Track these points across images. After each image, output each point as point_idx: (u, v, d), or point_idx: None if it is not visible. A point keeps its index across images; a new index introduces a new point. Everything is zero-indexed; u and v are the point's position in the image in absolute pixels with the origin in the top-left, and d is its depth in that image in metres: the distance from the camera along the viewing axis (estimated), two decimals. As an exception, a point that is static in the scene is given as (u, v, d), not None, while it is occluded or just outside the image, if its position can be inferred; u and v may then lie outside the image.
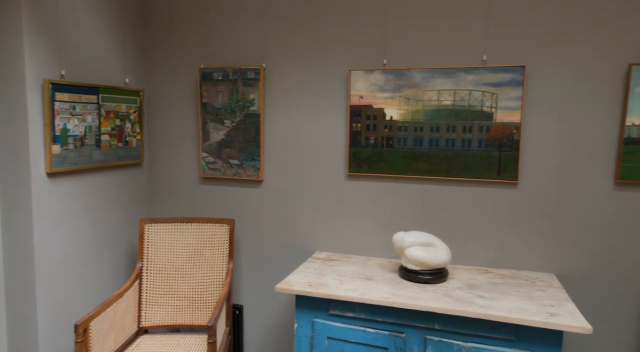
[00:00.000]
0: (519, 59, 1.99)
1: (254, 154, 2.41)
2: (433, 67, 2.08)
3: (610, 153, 1.91)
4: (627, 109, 1.85)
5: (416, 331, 1.73)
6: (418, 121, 2.13)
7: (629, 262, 1.93)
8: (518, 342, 1.62)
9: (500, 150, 2.03)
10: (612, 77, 1.88)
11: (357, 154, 2.24)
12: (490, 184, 2.08)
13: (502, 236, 2.08)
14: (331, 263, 2.16)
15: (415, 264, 1.90)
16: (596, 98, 1.91)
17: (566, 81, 1.94)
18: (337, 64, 2.25)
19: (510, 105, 2.00)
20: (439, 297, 1.73)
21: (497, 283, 1.91)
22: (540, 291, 1.83)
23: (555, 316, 1.58)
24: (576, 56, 1.92)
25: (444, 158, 2.11)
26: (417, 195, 2.18)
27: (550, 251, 2.03)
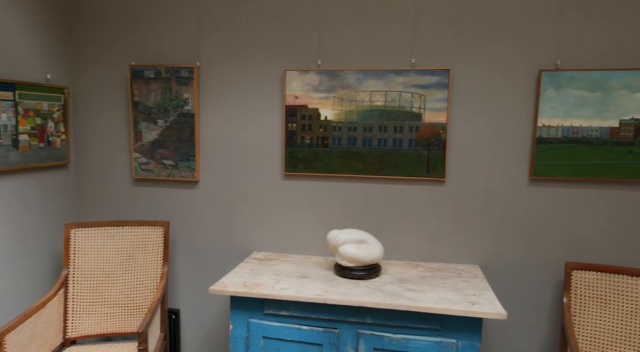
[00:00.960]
0: (444, 63, 2.10)
1: (189, 155, 2.36)
2: (365, 69, 2.14)
3: (525, 151, 2.06)
4: (538, 111, 2.00)
5: (349, 326, 1.77)
6: (352, 121, 2.18)
7: (543, 252, 2.09)
8: (443, 331, 1.71)
9: (428, 149, 2.13)
10: (525, 81, 2.03)
11: (293, 153, 2.26)
12: (420, 182, 2.17)
13: (432, 231, 2.19)
14: (268, 263, 2.16)
15: (349, 261, 1.95)
16: (513, 101, 2.06)
17: (486, 84, 2.07)
18: (272, 64, 2.25)
19: (437, 106, 2.10)
20: (371, 292, 1.79)
21: (427, 276, 2.00)
22: (465, 281, 1.94)
23: (475, 304, 1.68)
24: (495, 61, 2.05)
25: (376, 157, 2.18)
26: (351, 193, 2.24)
27: (475, 244, 2.16)
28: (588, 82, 1.95)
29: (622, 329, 1.89)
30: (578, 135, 1.98)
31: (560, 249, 2.07)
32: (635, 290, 1.88)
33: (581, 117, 1.97)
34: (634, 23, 1.91)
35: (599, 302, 1.93)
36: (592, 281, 1.94)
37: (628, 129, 1.94)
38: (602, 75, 1.93)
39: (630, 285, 1.89)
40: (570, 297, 1.97)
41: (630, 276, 1.89)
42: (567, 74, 1.96)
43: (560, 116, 1.99)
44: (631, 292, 1.88)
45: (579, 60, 1.98)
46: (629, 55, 1.93)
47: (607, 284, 1.92)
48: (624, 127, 1.94)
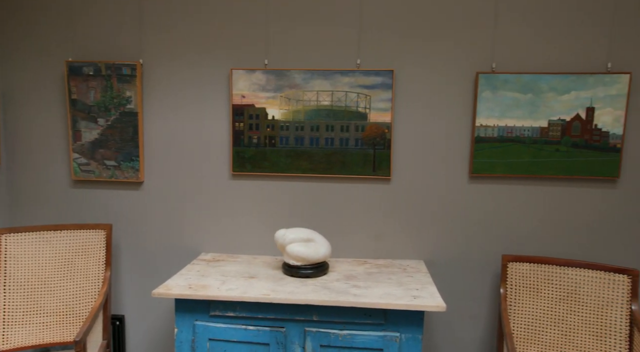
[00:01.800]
0: (388, 64, 2.15)
1: (132, 155, 2.28)
2: (312, 69, 2.16)
3: (465, 150, 2.16)
4: (476, 112, 2.10)
5: (296, 324, 1.78)
6: (299, 121, 2.19)
7: (482, 246, 2.20)
8: (387, 325, 1.76)
9: (374, 148, 2.18)
10: (464, 83, 2.13)
11: (240, 153, 2.24)
12: (366, 180, 2.22)
13: (379, 228, 2.24)
14: (216, 264, 2.13)
15: (297, 259, 1.96)
16: (453, 101, 2.14)
17: (428, 85, 2.15)
18: (219, 62, 2.22)
19: (382, 106, 2.15)
20: (317, 290, 1.80)
21: (373, 273, 2.05)
22: (409, 276, 2.00)
23: (417, 298, 1.74)
24: (436, 63, 2.13)
25: (324, 156, 2.20)
26: (300, 192, 2.25)
27: (419, 240, 2.23)
28: (520, 84, 2.07)
29: (551, 315, 2.02)
30: (512, 134, 2.10)
31: (498, 242, 2.19)
32: (563, 278, 2.01)
33: (514, 118, 2.09)
34: (560, 31, 2.05)
35: (532, 291, 2.05)
36: (526, 271, 2.06)
37: (556, 129, 2.08)
38: (533, 78, 2.06)
39: (559, 274, 2.02)
40: (506, 288, 2.08)
41: (558, 266, 2.02)
42: (501, 76, 2.07)
43: (496, 116, 2.10)
44: (559, 280, 2.02)
45: (512, 64, 2.09)
46: (556, 60, 2.06)
47: (538, 274, 2.05)
48: (552, 127, 2.08)
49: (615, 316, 1.93)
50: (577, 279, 2.00)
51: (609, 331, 1.94)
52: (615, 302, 1.94)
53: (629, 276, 1.92)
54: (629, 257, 2.12)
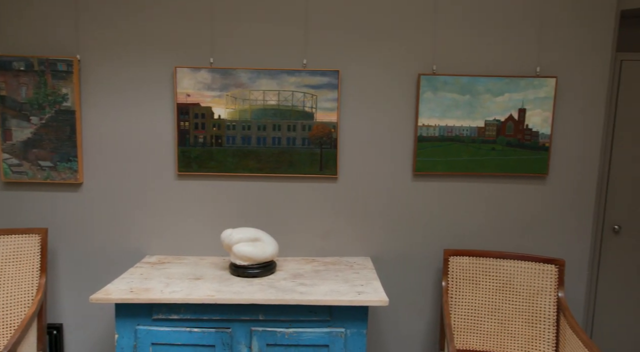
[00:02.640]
0: (334, 64, 2.19)
1: (70, 155, 2.18)
2: (258, 68, 2.15)
3: (408, 149, 2.23)
4: (418, 112, 2.18)
5: (242, 324, 1.77)
6: (246, 120, 2.18)
7: (425, 241, 2.28)
8: (333, 322, 1.79)
9: (321, 147, 2.20)
10: (407, 84, 2.20)
11: (186, 153, 2.19)
12: (314, 179, 2.24)
13: (327, 226, 2.27)
14: (161, 266, 2.08)
15: (243, 259, 1.94)
16: (397, 101, 2.21)
17: (373, 86, 2.20)
18: (162, 60, 2.17)
19: (328, 106, 2.18)
20: (264, 289, 1.80)
21: (320, 270, 2.07)
22: (355, 273, 2.04)
23: (362, 293, 1.78)
24: (380, 64, 2.19)
25: (271, 156, 2.20)
26: (247, 192, 2.24)
27: (366, 237, 2.28)
28: (459, 86, 2.16)
29: (489, 305, 2.13)
30: (452, 134, 2.19)
31: (440, 237, 2.28)
32: (499, 270, 2.13)
33: (454, 118, 2.18)
34: (494, 36, 2.16)
35: (471, 284, 2.15)
36: (466, 265, 2.16)
37: (492, 129, 2.19)
38: (470, 80, 2.16)
39: (495, 266, 2.14)
40: (448, 281, 2.17)
41: (495, 259, 2.14)
42: (441, 78, 2.16)
43: (437, 116, 2.18)
44: (496, 272, 2.13)
45: (452, 66, 2.19)
46: (491, 63, 2.18)
47: (477, 267, 2.15)
48: (489, 127, 2.19)
49: (544, 303, 2.07)
50: (511, 270, 2.12)
51: (539, 317, 2.07)
52: (545, 290, 2.07)
53: (556, 266, 2.06)
54: (556, 248, 2.27)
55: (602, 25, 2.16)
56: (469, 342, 2.13)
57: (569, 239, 2.27)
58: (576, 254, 2.28)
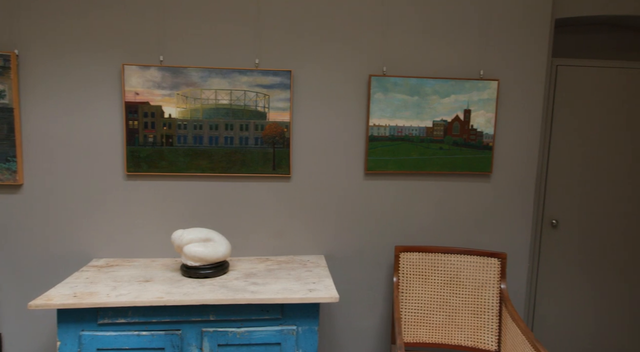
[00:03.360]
0: (286, 64, 2.20)
1: (8, 155, 2.07)
2: (210, 67, 2.13)
3: (360, 148, 2.28)
4: (369, 112, 2.23)
5: (192, 326, 1.76)
6: (197, 119, 2.16)
7: (377, 238, 2.34)
8: (284, 319, 1.80)
9: (274, 147, 2.21)
10: (359, 84, 2.25)
11: (135, 152, 2.14)
12: (267, 179, 2.24)
13: (280, 225, 2.28)
14: (109, 269, 2.02)
15: (195, 260, 1.92)
16: (349, 102, 2.25)
17: (326, 86, 2.23)
18: (109, 56, 2.10)
19: (280, 105, 2.19)
20: (215, 290, 1.79)
21: (274, 269, 2.08)
22: (308, 271, 2.06)
23: (313, 291, 1.81)
24: (332, 65, 2.22)
25: (224, 155, 2.19)
26: (200, 192, 2.21)
27: (320, 235, 2.31)
28: (408, 87, 2.24)
29: (437, 298, 2.21)
30: (402, 134, 2.26)
31: (392, 234, 2.34)
32: (447, 264, 2.22)
33: (403, 118, 2.25)
34: (441, 40, 2.25)
35: (421, 278, 2.23)
36: (416, 260, 2.24)
37: (439, 129, 2.28)
38: (419, 82, 2.24)
39: (443, 261, 2.22)
40: (399, 276, 2.23)
41: (443, 254, 2.22)
42: (391, 79, 2.22)
43: (387, 117, 2.24)
44: (444, 266, 2.22)
45: (401, 68, 2.25)
46: (438, 66, 2.26)
47: (426, 262, 2.23)
48: (436, 127, 2.28)
49: (488, 295, 2.17)
50: (458, 265, 2.21)
51: (483, 308, 2.18)
52: (489, 282, 2.18)
53: (499, 259, 2.17)
54: (500, 242, 2.39)
55: (539, 32, 2.29)
56: (418, 335, 2.21)
57: (511, 234, 2.39)
58: (518, 248, 2.41)
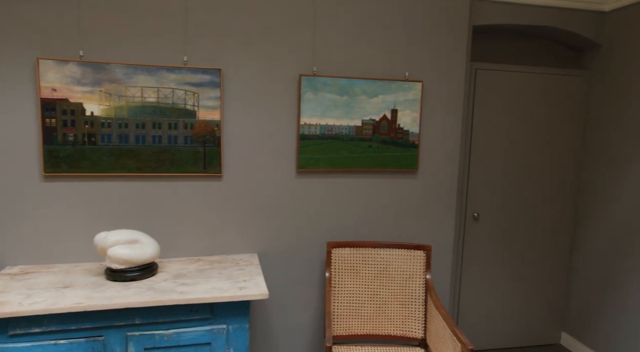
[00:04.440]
0: (216, 63, 2.18)
1: None
2: (135, 63, 2.07)
3: (292, 147, 2.31)
4: (300, 111, 2.27)
5: (116, 331, 1.70)
6: (122, 117, 2.08)
7: (311, 235, 2.38)
8: (214, 319, 1.79)
9: (204, 146, 2.19)
10: (289, 84, 2.28)
11: (53, 152, 2.03)
12: (198, 178, 2.21)
13: (213, 225, 2.26)
14: (23, 277, 1.90)
15: (120, 262, 1.86)
16: (280, 101, 2.27)
17: (257, 85, 2.24)
18: (22, 50, 1.97)
19: (210, 104, 2.17)
20: (141, 292, 1.74)
21: (205, 269, 2.06)
22: (240, 270, 2.06)
23: (243, 289, 1.81)
24: (263, 64, 2.24)
25: (152, 154, 2.13)
26: (126, 193, 2.14)
27: (253, 234, 2.31)
28: (337, 87, 2.30)
29: (368, 291, 2.30)
30: (332, 132, 2.32)
31: (325, 231, 2.40)
32: (377, 258, 2.31)
33: (333, 117, 2.31)
34: (369, 41, 2.34)
35: (353, 273, 2.30)
36: (347, 255, 2.31)
37: (368, 128, 2.37)
38: (348, 82, 2.31)
39: (373, 255, 2.31)
40: (331, 272, 2.29)
41: (373, 248, 2.31)
42: (321, 79, 2.28)
43: (317, 116, 2.29)
44: (374, 260, 2.31)
45: (331, 68, 2.31)
46: (366, 67, 2.35)
47: (357, 256, 2.31)
48: (365, 126, 2.36)
49: (415, 286, 2.29)
50: (387, 258, 2.31)
51: (411, 298, 2.29)
52: (415, 274, 2.30)
53: (424, 251, 2.29)
54: (426, 235, 2.53)
55: (458, 38, 2.45)
56: (350, 328, 2.28)
57: (436, 227, 2.54)
58: (443, 240, 2.55)
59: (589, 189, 2.89)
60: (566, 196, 2.98)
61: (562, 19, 2.70)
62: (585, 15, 2.74)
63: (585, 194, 2.92)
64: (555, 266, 3.03)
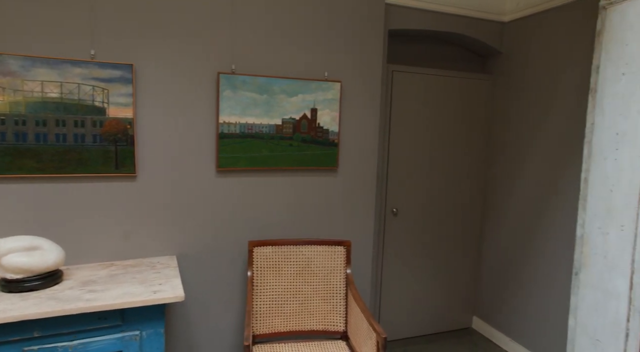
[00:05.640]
0: (127, 57, 2.08)
1: None
2: (33, 56, 1.91)
3: (211, 146, 2.27)
4: (219, 109, 2.24)
5: (11, 346, 1.56)
6: (19, 114, 1.91)
7: (232, 235, 2.36)
8: (126, 326, 1.71)
9: (116, 145, 2.08)
10: (208, 81, 2.23)
11: None
12: (109, 179, 2.10)
13: (126, 227, 2.15)
14: None
15: (17, 272, 1.71)
16: (198, 98, 2.22)
17: (174, 82, 2.17)
18: None
19: (122, 101, 2.06)
20: (41, 303, 1.62)
21: (117, 274, 1.96)
22: (156, 273, 1.99)
23: (158, 292, 1.75)
24: (180, 61, 2.17)
25: (55, 154, 1.98)
26: (27, 196, 1.97)
27: (171, 236, 2.24)
28: (257, 86, 2.30)
29: (291, 289, 2.32)
30: (252, 131, 2.32)
31: (247, 230, 2.38)
32: (299, 256, 2.34)
33: (253, 116, 2.31)
34: (289, 41, 2.36)
35: (275, 271, 2.31)
36: (269, 254, 2.31)
37: (288, 127, 2.39)
38: (267, 81, 2.31)
39: (295, 252, 2.34)
40: (253, 271, 2.28)
41: (295, 245, 2.34)
42: (240, 78, 2.26)
43: (237, 114, 2.27)
44: (296, 258, 2.34)
45: (250, 67, 2.30)
46: (285, 66, 2.37)
47: (279, 254, 2.32)
48: (285, 124, 2.38)
49: (336, 281, 2.35)
50: (309, 255, 2.35)
51: (332, 293, 2.35)
52: (336, 269, 2.36)
53: (344, 247, 2.37)
54: (348, 231, 2.61)
55: (375, 41, 2.55)
56: (274, 325, 2.29)
57: (357, 223, 2.62)
58: (363, 235, 2.65)
59: (494, 184, 3.16)
60: (476, 190, 3.23)
61: (468, 27, 2.92)
62: (488, 25, 2.98)
63: (491, 188, 3.19)
64: (467, 256, 3.27)
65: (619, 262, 1.90)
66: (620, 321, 1.89)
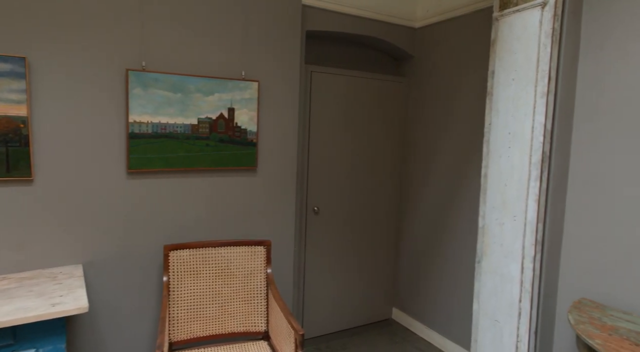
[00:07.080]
0: (19, 50, 1.90)
1: None
2: None
3: (120, 146, 2.14)
4: (129, 108, 2.12)
5: None
6: None
7: (146, 239, 2.25)
8: (19, 344, 1.57)
9: (7, 145, 1.88)
10: (115, 78, 2.11)
11: None
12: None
13: (21, 237, 1.96)
14: None
15: None
16: (105, 96, 2.09)
17: (76, 78, 2.01)
18: None
19: (13, 97, 1.88)
20: None
21: (10, 288, 1.78)
22: (57, 284, 1.84)
23: (57, 305, 1.62)
24: (84, 55, 2.02)
25: None
26: None
27: (76, 243, 2.08)
28: (170, 84, 2.21)
29: (210, 292, 2.27)
30: (166, 131, 2.23)
31: (162, 234, 2.29)
32: (218, 258, 2.29)
33: (167, 115, 2.22)
34: (204, 39, 2.30)
35: (193, 274, 2.25)
36: (186, 257, 2.24)
37: (204, 126, 2.33)
38: (181, 79, 2.24)
39: (214, 255, 2.29)
40: (169, 275, 2.20)
41: (213, 248, 2.29)
42: (151, 75, 2.16)
43: (149, 113, 2.17)
44: (215, 260, 2.29)
45: (162, 64, 2.21)
46: (201, 64, 2.31)
47: (197, 258, 2.26)
48: (202, 124, 2.32)
49: (257, 281, 2.34)
50: (229, 257, 2.31)
51: (253, 294, 2.33)
52: (256, 269, 2.35)
53: (264, 247, 2.36)
54: (269, 231, 2.61)
55: (292, 41, 2.57)
56: (192, 331, 2.22)
57: (278, 223, 2.63)
58: (284, 235, 2.66)
59: (409, 181, 3.34)
60: (393, 187, 3.39)
61: (382, 31, 3.05)
62: (401, 30, 3.14)
63: (407, 185, 3.36)
64: (387, 250, 3.42)
65: (512, 249, 2.10)
66: (514, 302, 2.09)
